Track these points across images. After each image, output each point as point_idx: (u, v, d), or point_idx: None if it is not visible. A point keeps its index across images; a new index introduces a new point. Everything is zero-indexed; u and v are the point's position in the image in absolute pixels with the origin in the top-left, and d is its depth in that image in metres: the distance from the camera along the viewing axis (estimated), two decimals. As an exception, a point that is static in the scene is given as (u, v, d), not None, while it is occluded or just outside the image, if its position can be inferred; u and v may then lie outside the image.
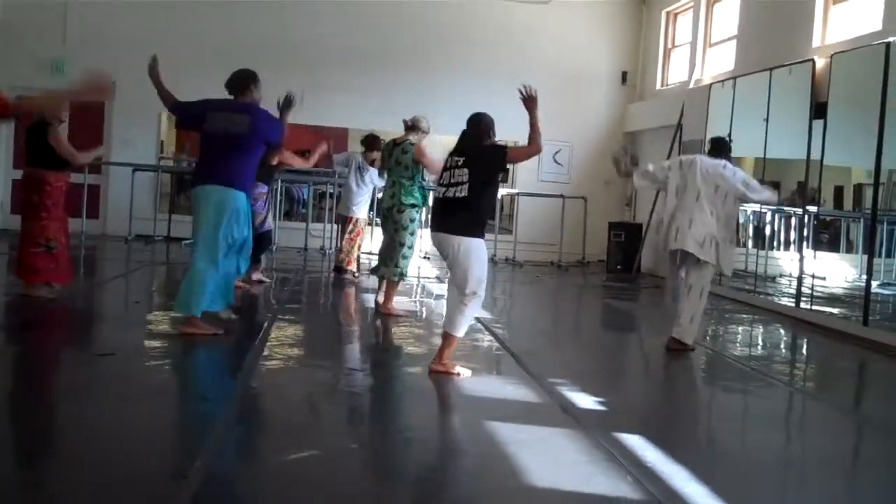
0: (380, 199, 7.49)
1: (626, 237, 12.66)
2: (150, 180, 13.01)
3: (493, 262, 11.87)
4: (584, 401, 4.88)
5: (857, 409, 5.80)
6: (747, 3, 10.85)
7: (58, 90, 3.66)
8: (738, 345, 7.84)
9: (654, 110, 13.13)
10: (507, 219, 14.54)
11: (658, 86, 13.59)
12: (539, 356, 6.14)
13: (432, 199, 6.12)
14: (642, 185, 6.90)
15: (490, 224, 11.24)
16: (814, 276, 8.83)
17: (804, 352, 7.89)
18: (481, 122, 5.31)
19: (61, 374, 5.11)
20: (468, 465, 3.88)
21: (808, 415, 5.60)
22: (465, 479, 3.68)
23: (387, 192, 7.47)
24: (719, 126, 10.41)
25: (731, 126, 10.14)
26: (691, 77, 12.18)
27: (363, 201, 9.44)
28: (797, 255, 9.03)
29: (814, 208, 8.80)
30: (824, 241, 9.21)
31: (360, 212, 9.41)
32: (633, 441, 4.06)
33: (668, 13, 13.49)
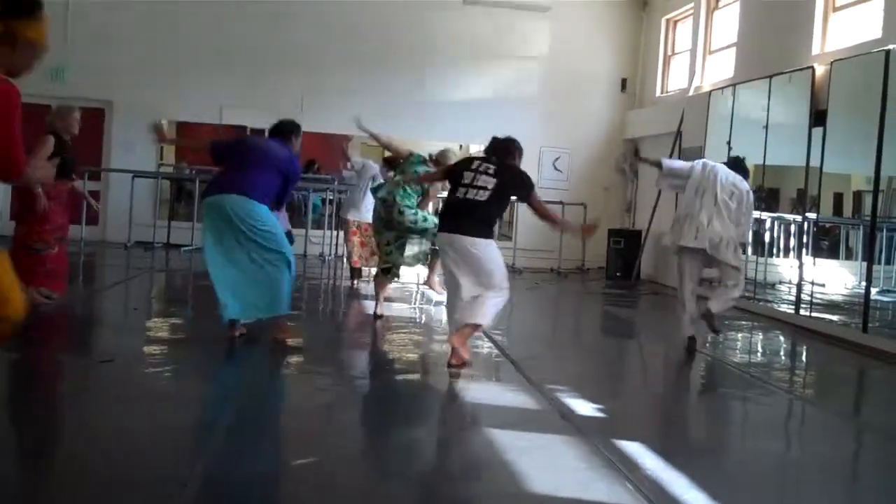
0: (380, 197, 7.46)
1: (626, 244, 12.67)
2: (149, 187, 13.01)
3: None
4: (584, 407, 4.87)
5: (856, 416, 5.79)
6: (747, 10, 10.87)
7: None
8: (738, 352, 7.83)
9: (653, 117, 13.16)
10: (507, 225, 14.54)
11: (658, 93, 13.61)
12: (538, 363, 6.14)
13: (443, 201, 6.18)
14: (666, 185, 7.11)
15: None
16: (813, 283, 8.83)
17: (804, 359, 7.89)
18: (515, 143, 5.74)
19: (61, 380, 5.10)
20: (467, 471, 3.87)
21: (808, 421, 5.58)
22: (465, 486, 3.67)
23: (387, 192, 7.44)
24: (719, 133, 10.43)
25: (731, 133, 10.16)
26: (691, 84, 12.19)
27: (372, 208, 9.45)
28: (797, 262, 9.03)
29: (813, 215, 8.80)
30: (824, 247, 9.21)
31: (369, 216, 9.44)
32: (633, 448, 4.06)
33: (668, 20, 13.52)
